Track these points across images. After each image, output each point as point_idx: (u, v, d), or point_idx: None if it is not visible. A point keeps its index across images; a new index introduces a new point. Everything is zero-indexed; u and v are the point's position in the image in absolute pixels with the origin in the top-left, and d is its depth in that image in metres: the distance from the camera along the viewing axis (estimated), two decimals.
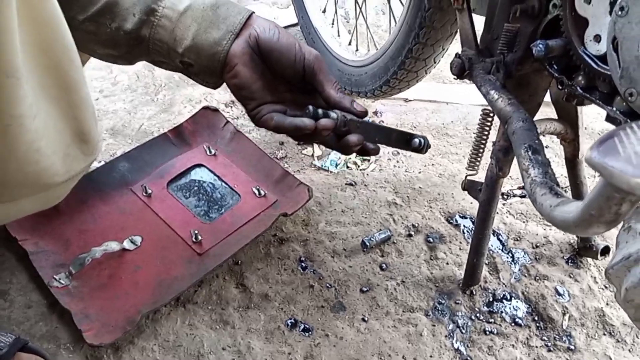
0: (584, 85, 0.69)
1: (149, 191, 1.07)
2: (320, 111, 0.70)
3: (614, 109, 0.65)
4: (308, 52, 0.69)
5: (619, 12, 0.53)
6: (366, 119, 0.73)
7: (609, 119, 0.69)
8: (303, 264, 1.03)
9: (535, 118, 0.81)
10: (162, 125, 1.35)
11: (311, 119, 0.69)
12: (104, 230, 1.01)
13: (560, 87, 0.72)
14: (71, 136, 0.58)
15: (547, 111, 0.88)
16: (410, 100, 1.49)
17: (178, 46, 0.69)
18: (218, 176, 1.13)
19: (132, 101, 1.43)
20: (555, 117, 0.89)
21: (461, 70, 0.82)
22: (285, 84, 0.73)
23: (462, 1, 0.80)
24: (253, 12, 0.71)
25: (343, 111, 0.71)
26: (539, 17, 0.72)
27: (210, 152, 1.15)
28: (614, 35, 0.54)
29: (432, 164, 1.29)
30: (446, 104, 1.50)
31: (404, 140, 0.76)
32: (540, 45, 0.68)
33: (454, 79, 0.85)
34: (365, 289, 0.99)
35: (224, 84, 0.73)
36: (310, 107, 0.70)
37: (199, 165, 1.14)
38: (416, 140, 0.76)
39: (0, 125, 0.49)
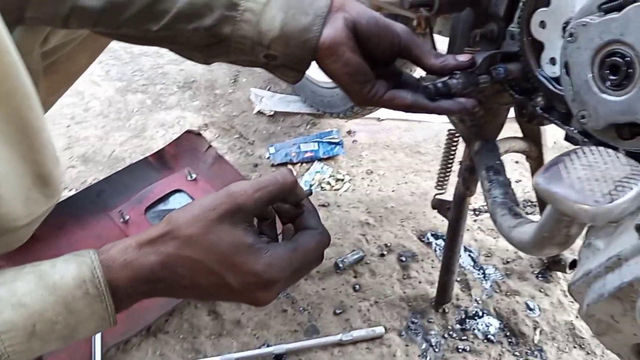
0: (544, 106, 0.71)
1: (126, 217, 1.06)
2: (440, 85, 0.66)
3: (572, 128, 0.67)
4: (401, 33, 0.66)
5: (569, 38, 0.54)
6: None
7: (567, 138, 0.71)
8: None
9: (500, 136, 0.82)
10: (134, 151, 1.34)
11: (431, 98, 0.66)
12: None
13: (520, 109, 0.74)
14: (32, 180, 0.58)
15: (515, 127, 0.89)
16: (382, 120, 1.51)
17: (264, 39, 0.65)
18: None
19: (104, 127, 1.43)
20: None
21: None
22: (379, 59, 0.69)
23: (425, 26, 0.82)
24: None
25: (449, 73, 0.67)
26: (498, 41, 0.74)
27: (190, 176, 1.15)
28: (565, 59, 0.56)
29: (405, 182, 1.30)
30: (418, 122, 1.52)
31: None
32: (500, 69, 0.69)
33: None
34: (338, 311, 0.99)
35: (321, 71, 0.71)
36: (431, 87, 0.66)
37: (179, 191, 1.14)
38: None
39: None
